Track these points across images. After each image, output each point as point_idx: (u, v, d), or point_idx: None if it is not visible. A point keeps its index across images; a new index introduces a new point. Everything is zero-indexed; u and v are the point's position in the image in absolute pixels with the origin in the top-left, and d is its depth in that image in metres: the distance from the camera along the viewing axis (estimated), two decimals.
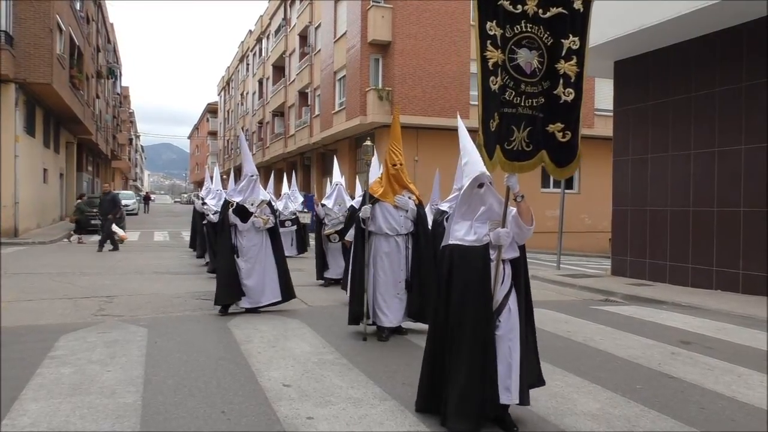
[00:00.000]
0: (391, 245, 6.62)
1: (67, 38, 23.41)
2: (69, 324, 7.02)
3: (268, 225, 8.12)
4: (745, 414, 4.41)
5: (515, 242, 3.99)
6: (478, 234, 3.93)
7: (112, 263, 13.75)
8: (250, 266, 7.97)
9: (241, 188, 8.21)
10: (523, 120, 3.80)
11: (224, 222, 8.11)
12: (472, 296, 3.83)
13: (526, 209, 3.93)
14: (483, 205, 3.98)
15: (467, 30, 25.92)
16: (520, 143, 3.82)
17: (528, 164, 3.90)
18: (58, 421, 3.94)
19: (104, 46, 41.68)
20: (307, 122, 34.60)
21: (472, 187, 3.99)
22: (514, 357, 3.87)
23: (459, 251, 3.93)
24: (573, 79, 3.88)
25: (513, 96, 3.75)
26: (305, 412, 4.20)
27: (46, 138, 24.64)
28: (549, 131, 3.91)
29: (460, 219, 4.05)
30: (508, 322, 3.93)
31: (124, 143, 66.61)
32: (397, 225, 6.60)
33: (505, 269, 3.98)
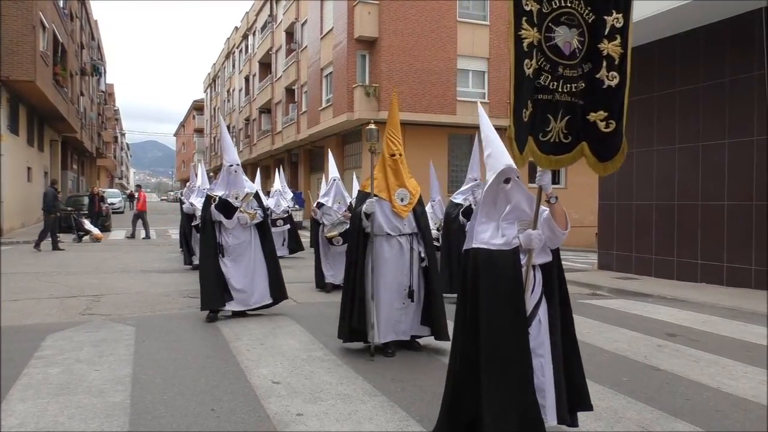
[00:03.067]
0: (393, 247, 5.69)
1: (50, 35, 23.15)
2: (56, 323, 6.97)
3: (255, 220, 7.44)
4: (729, 404, 4.47)
5: (547, 246, 3.56)
6: (507, 236, 3.45)
7: (98, 262, 13.65)
8: (238, 266, 7.34)
9: (223, 180, 7.48)
10: (560, 108, 3.35)
11: (206, 219, 7.44)
12: (503, 306, 3.36)
13: (560, 212, 3.51)
14: (509, 203, 3.53)
15: (453, 26, 25.97)
16: (558, 134, 3.37)
17: (566, 158, 3.43)
18: (46, 421, 3.91)
19: (88, 43, 41.24)
20: (294, 119, 34.50)
21: (498, 183, 3.53)
22: (547, 374, 3.45)
23: (485, 256, 3.44)
24: (617, 61, 3.41)
25: (549, 81, 3.31)
26: (295, 408, 4.21)
27: (30, 136, 24.38)
28: (590, 120, 3.44)
29: (485, 219, 3.57)
30: (537, 335, 3.49)
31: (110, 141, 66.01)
32: (399, 223, 5.71)
33: (536, 275, 3.54)
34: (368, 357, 5.55)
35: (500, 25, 26.68)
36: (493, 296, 3.37)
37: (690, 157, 11.02)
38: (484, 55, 26.66)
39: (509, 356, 3.31)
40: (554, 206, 3.49)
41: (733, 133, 10.25)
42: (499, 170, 3.50)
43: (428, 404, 4.33)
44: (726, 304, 8.59)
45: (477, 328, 3.41)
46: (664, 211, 11.53)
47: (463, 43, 26.19)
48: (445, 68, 25.81)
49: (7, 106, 20.33)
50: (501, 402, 3.26)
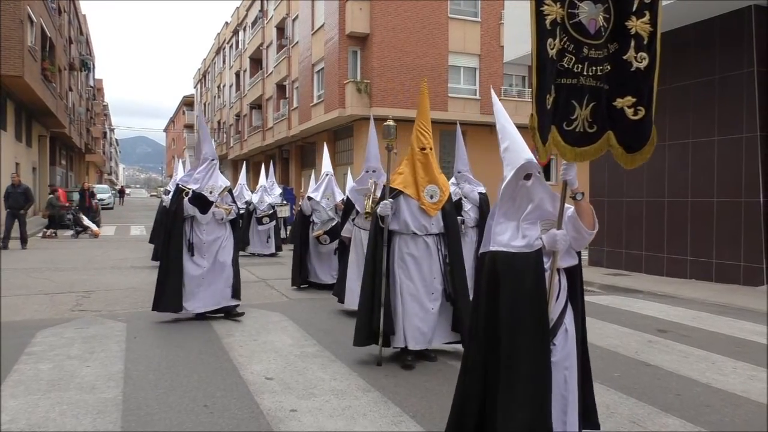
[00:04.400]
0: (419, 247, 5.29)
1: (38, 30, 22.92)
2: (46, 320, 6.92)
3: (230, 215, 7.15)
4: (719, 399, 4.51)
5: (572, 247, 3.24)
6: (529, 237, 3.12)
7: (88, 258, 13.56)
8: (208, 265, 6.92)
9: (199, 174, 7.05)
10: (585, 93, 3.03)
11: (177, 214, 6.93)
12: (525, 315, 3.02)
13: (587, 209, 3.17)
14: (531, 202, 3.19)
15: (445, 23, 25.98)
16: (583, 123, 3.04)
17: (591, 149, 3.11)
18: (38, 417, 3.89)
19: (77, 38, 40.88)
20: (285, 115, 34.39)
21: (517, 179, 3.19)
22: (571, 389, 3.14)
23: (505, 259, 3.10)
24: (645, 41, 3.08)
25: (573, 63, 2.99)
26: (288, 404, 4.21)
27: (17, 131, 24.15)
28: (617, 107, 3.10)
29: (503, 219, 3.23)
30: (564, 346, 3.16)
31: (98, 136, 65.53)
32: (426, 222, 5.31)
33: (561, 280, 3.21)
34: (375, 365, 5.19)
35: (491, 21, 26.72)
36: (514, 305, 3.04)
37: (680, 153, 11.09)
38: (475, 51, 26.68)
39: (530, 375, 2.97)
40: (580, 203, 3.15)
41: (723, 130, 10.33)
42: (519, 165, 3.15)
43: (421, 399, 4.35)
44: (715, 301, 8.67)
45: (495, 340, 3.09)
46: (654, 207, 11.60)
47: (455, 40, 26.20)
48: (437, 65, 25.81)
49: None
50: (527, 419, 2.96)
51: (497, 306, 3.09)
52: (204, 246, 6.96)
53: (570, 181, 3.10)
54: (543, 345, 3.01)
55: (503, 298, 3.07)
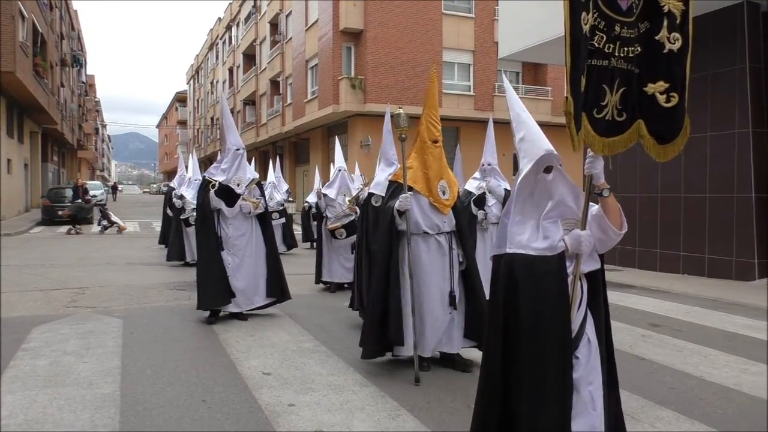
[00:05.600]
0: (431, 248, 4.90)
1: (29, 25, 22.79)
2: (41, 316, 6.91)
3: (258, 209, 6.81)
4: (711, 393, 4.56)
5: (595, 249, 2.94)
6: (551, 238, 2.83)
7: (82, 255, 13.52)
8: (239, 261, 6.65)
9: (225, 165, 6.74)
10: (617, 77, 2.74)
11: (205, 207, 6.63)
12: (546, 325, 2.77)
13: (615, 207, 2.88)
14: (552, 199, 2.89)
15: (439, 18, 26.00)
16: (612, 110, 2.77)
17: (620, 140, 2.83)
18: (35, 413, 3.90)
19: (68, 34, 40.63)
20: (279, 111, 34.32)
21: (536, 173, 2.90)
22: (597, 406, 2.86)
23: (524, 263, 2.81)
24: (678, 20, 2.81)
25: (604, 42, 2.70)
26: (287, 399, 4.23)
27: (9, 127, 24.01)
28: (648, 93, 2.82)
29: (520, 217, 2.92)
30: (588, 358, 2.88)
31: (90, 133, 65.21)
32: (438, 220, 4.92)
33: (583, 286, 2.92)
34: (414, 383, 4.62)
35: (485, 17, 26.74)
36: (534, 314, 2.77)
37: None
38: (469, 47, 26.70)
39: (552, 395, 2.74)
40: (607, 200, 2.86)
41: (715, 126, 10.40)
42: (538, 157, 2.86)
43: (418, 393, 4.38)
44: (708, 295, 8.74)
45: (513, 352, 2.85)
46: (647, 203, 11.67)
47: (449, 36, 26.22)
48: (431, 61, 25.75)
49: None
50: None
51: (516, 315, 2.82)
52: (230, 241, 6.66)
53: (596, 176, 2.84)
54: (566, 358, 2.77)
55: (523, 306, 2.79)
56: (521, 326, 2.79)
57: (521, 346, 2.80)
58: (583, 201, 2.87)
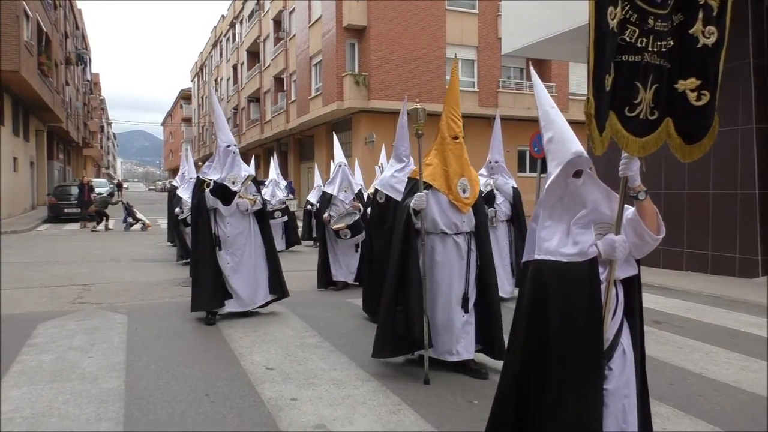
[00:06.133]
0: (448, 248, 4.72)
1: (34, 25, 22.88)
2: (46, 312, 6.97)
3: (256, 206, 6.67)
4: (711, 389, 4.58)
5: (630, 255, 2.80)
6: (581, 244, 2.69)
7: (87, 252, 13.61)
8: (238, 260, 6.53)
9: (218, 163, 6.60)
10: (650, 73, 2.59)
11: (200, 207, 6.51)
12: (577, 335, 2.62)
13: (651, 211, 2.76)
14: (583, 206, 2.76)
15: (442, 14, 26.00)
16: (645, 109, 2.62)
17: (651, 140, 2.70)
18: (41, 407, 3.95)
19: (72, 32, 40.77)
20: (283, 108, 34.38)
21: (566, 176, 2.75)
22: (630, 421, 2.71)
23: (553, 270, 2.68)
24: (715, 12, 2.63)
25: (636, 36, 2.55)
26: (289, 393, 4.27)
27: (15, 126, 24.15)
28: (678, 90, 2.66)
29: (549, 221, 2.80)
30: (623, 370, 2.72)
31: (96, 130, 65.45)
32: (457, 219, 4.73)
33: (618, 293, 2.78)
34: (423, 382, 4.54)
35: (489, 13, 26.72)
36: (564, 323, 2.64)
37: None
38: (473, 43, 26.69)
39: (581, 406, 2.61)
40: (643, 203, 2.74)
41: (719, 122, 10.36)
42: (567, 160, 2.71)
43: (420, 389, 4.41)
44: (710, 292, 8.74)
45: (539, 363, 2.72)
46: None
47: (452, 32, 26.21)
48: (435, 57, 25.84)
49: None
50: None
51: (544, 324, 2.68)
52: (229, 240, 6.51)
53: (632, 178, 2.72)
54: (598, 371, 2.63)
55: (552, 315, 2.66)
56: (549, 334, 2.66)
57: (548, 355, 2.67)
58: (617, 204, 2.73)
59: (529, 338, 2.76)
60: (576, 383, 2.62)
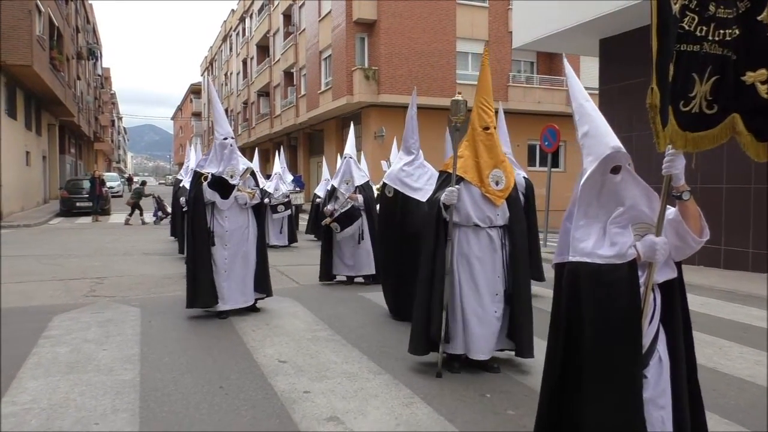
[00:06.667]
0: (482, 242, 4.57)
1: (46, 19, 23.01)
2: (61, 305, 7.04)
3: (255, 200, 6.51)
4: (725, 384, 4.57)
5: (670, 257, 2.66)
6: (620, 245, 2.55)
7: (99, 245, 13.71)
8: (233, 256, 6.34)
9: (215, 156, 6.43)
10: (709, 64, 2.41)
11: (198, 201, 6.34)
12: (615, 338, 2.51)
13: (695, 212, 2.62)
14: (621, 204, 2.63)
15: (453, 8, 25.87)
16: (700, 102, 2.45)
17: (708, 135, 2.51)
18: (59, 398, 4.00)
19: (83, 27, 40.96)
20: (292, 102, 34.40)
21: (603, 173, 2.63)
22: None
23: (589, 272, 2.56)
24: None
25: (695, 24, 2.38)
26: (302, 386, 4.30)
27: (27, 120, 24.33)
28: (746, 82, 2.44)
29: (584, 221, 2.65)
30: (658, 379, 2.61)
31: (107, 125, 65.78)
32: (491, 213, 4.58)
33: (656, 298, 2.65)
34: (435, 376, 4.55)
35: (499, 7, 26.58)
36: (601, 329, 2.52)
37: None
38: (483, 37, 26.55)
39: (620, 417, 2.50)
40: (686, 204, 2.60)
41: None
42: (604, 155, 2.58)
43: (432, 382, 4.43)
44: (723, 287, 8.69)
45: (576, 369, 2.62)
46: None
47: (462, 26, 26.10)
48: (445, 51, 25.74)
49: (5, 90, 20.27)
50: None
51: (580, 328, 2.57)
52: (227, 235, 6.34)
53: (675, 177, 2.57)
54: (636, 376, 2.52)
55: (588, 319, 2.54)
56: (586, 340, 2.56)
57: (586, 362, 2.57)
58: (657, 204, 2.60)
59: (567, 344, 2.65)
60: (615, 391, 2.51)
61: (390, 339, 5.65)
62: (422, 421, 3.73)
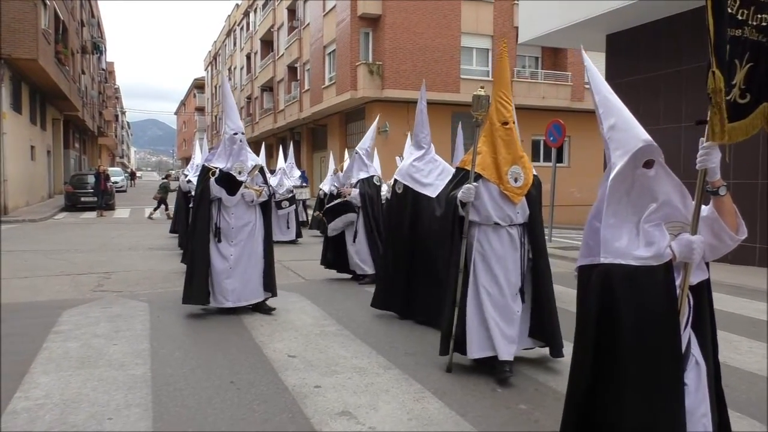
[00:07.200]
0: (503, 240, 4.45)
1: (51, 13, 22.99)
2: (69, 300, 7.06)
3: (262, 197, 6.43)
4: (736, 378, 4.56)
5: (703, 258, 2.54)
6: (656, 245, 2.43)
7: (105, 240, 13.75)
8: (239, 253, 6.23)
9: (223, 151, 6.35)
10: (747, 50, 2.30)
11: (203, 195, 6.25)
12: (655, 345, 2.39)
13: (731, 208, 2.51)
14: (655, 199, 2.50)
15: (457, 3, 25.79)
16: (737, 90, 2.34)
17: (741, 126, 2.39)
18: (71, 393, 4.02)
19: (88, 21, 40.91)
20: (296, 97, 34.38)
21: (634, 168, 2.49)
22: None
23: (624, 274, 2.42)
24: None
25: (737, 7, 2.27)
26: (312, 381, 4.31)
27: (32, 115, 24.35)
28: None
29: (614, 220, 2.50)
30: (698, 385, 2.51)
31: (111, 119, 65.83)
32: (511, 211, 4.46)
33: (690, 300, 2.54)
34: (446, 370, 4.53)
35: (504, 2, 26.47)
36: (639, 334, 2.39)
37: (696, 135, 11.01)
38: (488, 32, 26.48)
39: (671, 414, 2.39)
40: (723, 200, 2.48)
41: None
42: (636, 149, 2.45)
43: (442, 377, 4.44)
44: (731, 282, 8.68)
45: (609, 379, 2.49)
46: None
47: (467, 21, 26.02)
48: (449, 46, 25.67)
49: (10, 84, 20.27)
50: None
51: (614, 334, 2.43)
52: (233, 232, 6.24)
53: (711, 171, 2.44)
54: (678, 384, 2.40)
55: (625, 325, 2.40)
56: (623, 347, 2.42)
57: (624, 369, 2.44)
58: (691, 201, 2.51)
59: (597, 349, 2.51)
60: (656, 399, 2.38)
61: (398, 334, 5.67)
62: (434, 416, 3.74)
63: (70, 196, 23.31)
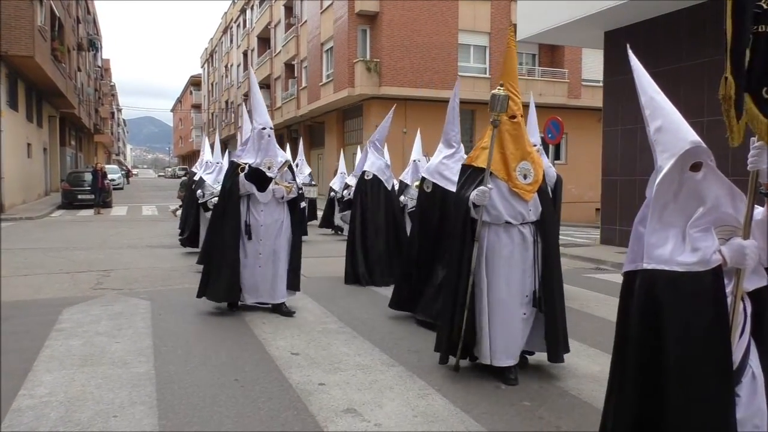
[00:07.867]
0: (514, 240, 4.27)
1: (47, 9, 22.91)
2: (69, 297, 7.06)
3: (291, 194, 6.31)
4: None
5: (760, 263, 2.40)
6: (702, 250, 2.32)
7: (103, 238, 13.72)
8: (268, 250, 6.16)
9: (252, 146, 6.25)
10: None
11: (233, 192, 6.16)
12: (702, 356, 2.29)
13: None
14: (703, 203, 2.40)
15: (455, 1, 25.76)
16: None
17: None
18: (75, 391, 4.02)
19: (84, 18, 40.77)
20: (293, 94, 34.34)
21: (681, 170, 2.40)
22: None
23: (668, 281, 2.32)
24: None
25: None
26: (316, 378, 4.32)
27: (29, 112, 24.27)
28: None
29: (660, 225, 2.41)
30: (753, 397, 2.38)
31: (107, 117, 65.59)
32: (523, 208, 4.27)
33: (746, 308, 2.40)
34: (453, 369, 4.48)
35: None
36: (686, 345, 2.28)
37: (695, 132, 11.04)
38: (485, 29, 26.48)
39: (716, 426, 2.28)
40: None
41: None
42: (683, 151, 2.37)
43: (446, 374, 4.45)
44: None
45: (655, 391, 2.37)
46: None
47: (465, 18, 26.01)
48: (447, 43, 25.67)
49: (6, 81, 20.19)
50: None
51: (660, 346, 2.33)
52: (261, 229, 6.14)
53: (762, 172, 2.33)
54: (728, 398, 2.28)
55: (671, 335, 2.30)
56: (668, 359, 2.32)
57: (670, 380, 2.33)
58: (742, 204, 2.38)
59: (641, 360, 2.42)
60: (704, 413, 2.29)
61: (400, 331, 5.68)
62: (439, 412, 3.75)
63: (67, 193, 23.24)
